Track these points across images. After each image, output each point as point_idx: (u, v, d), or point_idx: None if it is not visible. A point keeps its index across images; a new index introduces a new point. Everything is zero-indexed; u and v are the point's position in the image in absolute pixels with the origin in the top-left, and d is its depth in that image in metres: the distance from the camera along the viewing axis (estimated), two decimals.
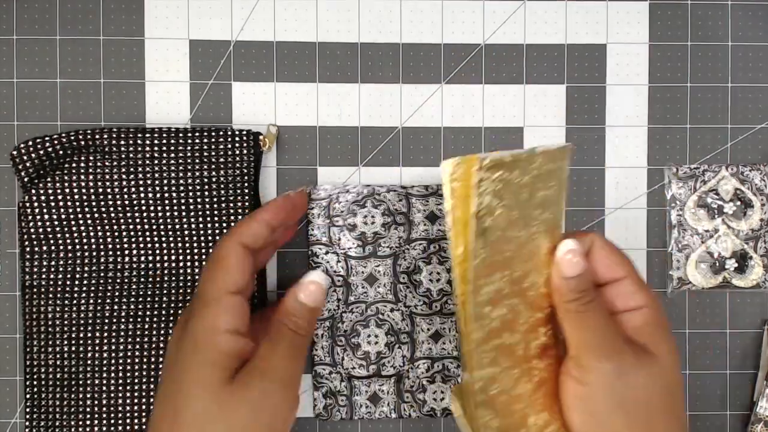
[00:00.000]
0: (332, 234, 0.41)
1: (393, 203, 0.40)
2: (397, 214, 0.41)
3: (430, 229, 0.41)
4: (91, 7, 0.42)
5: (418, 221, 0.41)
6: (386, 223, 0.41)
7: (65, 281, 0.41)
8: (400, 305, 0.41)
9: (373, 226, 0.41)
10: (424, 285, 0.41)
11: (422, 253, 0.41)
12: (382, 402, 0.42)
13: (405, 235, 0.41)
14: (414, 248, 0.41)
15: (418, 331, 0.41)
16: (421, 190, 0.41)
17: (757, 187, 0.43)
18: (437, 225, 0.41)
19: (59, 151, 0.40)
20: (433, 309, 0.41)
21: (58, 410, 0.41)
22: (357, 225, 0.41)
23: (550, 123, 0.43)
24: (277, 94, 0.43)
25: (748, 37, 0.44)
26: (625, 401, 0.32)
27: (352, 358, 0.41)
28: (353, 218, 0.40)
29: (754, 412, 0.43)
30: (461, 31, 0.43)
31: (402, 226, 0.41)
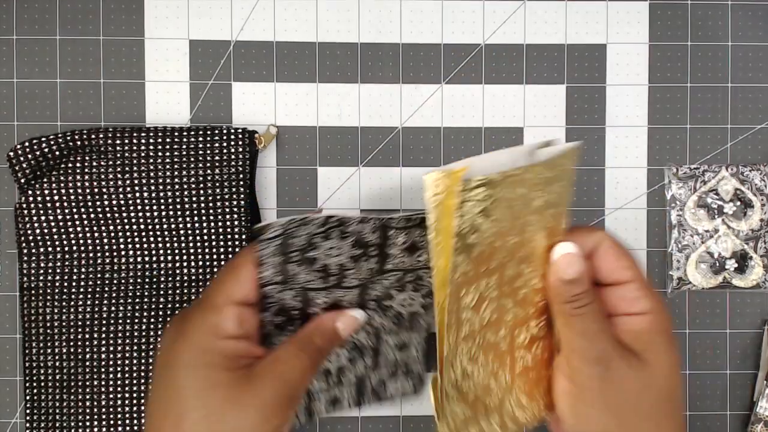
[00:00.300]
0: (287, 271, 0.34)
1: (365, 235, 0.34)
2: (369, 246, 0.34)
3: (408, 260, 0.35)
4: (91, 7, 0.42)
5: (395, 253, 0.34)
6: (355, 256, 0.34)
7: (63, 282, 0.41)
8: (366, 326, 0.37)
9: (338, 258, 0.34)
10: (395, 309, 0.37)
11: (396, 283, 0.36)
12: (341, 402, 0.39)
13: (377, 267, 0.35)
14: (387, 279, 0.36)
15: (384, 345, 0.38)
16: (401, 222, 0.34)
17: (757, 187, 0.43)
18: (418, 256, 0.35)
19: (55, 151, 0.40)
20: (401, 326, 0.38)
21: (57, 410, 0.41)
22: (318, 258, 0.33)
23: (550, 123, 0.43)
24: (277, 94, 0.43)
25: (748, 37, 0.44)
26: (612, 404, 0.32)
27: None
28: (313, 251, 0.33)
29: (754, 412, 0.43)
30: (461, 31, 0.43)
31: (374, 258, 0.34)
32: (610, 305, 0.34)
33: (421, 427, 0.43)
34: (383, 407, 0.43)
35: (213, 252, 0.41)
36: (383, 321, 0.37)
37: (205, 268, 0.41)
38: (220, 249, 0.41)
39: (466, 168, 0.28)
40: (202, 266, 0.41)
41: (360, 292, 0.35)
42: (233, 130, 0.41)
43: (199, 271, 0.41)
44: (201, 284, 0.41)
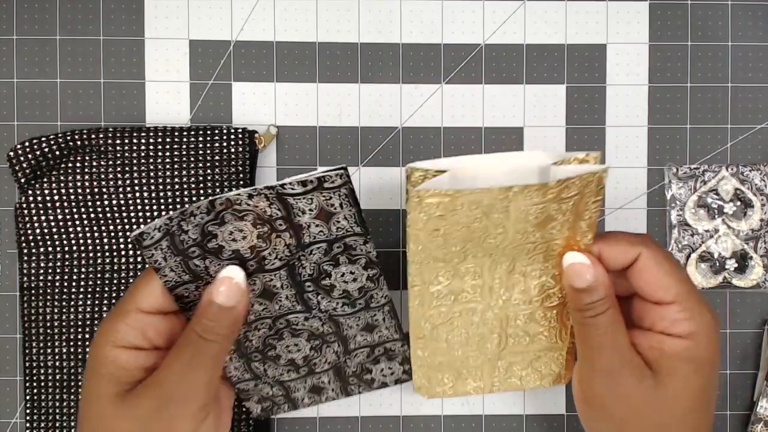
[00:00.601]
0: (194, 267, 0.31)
1: (263, 210, 0.30)
2: (274, 221, 0.31)
3: (326, 230, 0.32)
4: (91, 7, 0.42)
5: (306, 223, 0.31)
6: (263, 235, 0.31)
7: (63, 282, 0.41)
8: (314, 312, 0.35)
9: (244, 241, 0.31)
10: (339, 287, 0.34)
11: (325, 256, 0.33)
12: (325, 390, 0.38)
13: (293, 241, 0.32)
14: (312, 253, 0.32)
15: (345, 329, 0.36)
16: (296, 187, 0.30)
17: (757, 187, 0.43)
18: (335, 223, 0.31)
19: (55, 151, 0.40)
20: (356, 306, 0.35)
21: (57, 410, 0.41)
22: (223, 247, 0.31)
23: (550, 123, 0.43)
24: (277, 94, 0.43)
25: (748, 37, 0.44)
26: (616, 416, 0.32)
27: (276, 368, 0.37)
28: (214, 240, 0.31)
29: (754, 412, 0.43)
30: (461, 31, 0.43)
31: (285, 232, 0.31)
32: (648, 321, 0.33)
33: (421, 427, 0.43)
34: (383, 407, 0.43)
35: None
36: (331, 303, 0.35)
37: None
38: None
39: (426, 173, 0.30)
40: None
41: (288, 272, 0.33)
42: (233, 130, 0.41)
43: None
44: None
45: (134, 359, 0.31)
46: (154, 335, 0.32)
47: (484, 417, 0.43)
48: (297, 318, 0.35)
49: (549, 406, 0.43)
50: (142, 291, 0.31)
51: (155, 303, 0.31)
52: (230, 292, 0.31)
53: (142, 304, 0.31)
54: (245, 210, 0.30)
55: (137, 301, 0.31)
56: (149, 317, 0.31)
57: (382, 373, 0.39)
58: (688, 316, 0.31)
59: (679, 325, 0.31)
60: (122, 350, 0.31)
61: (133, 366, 0.31)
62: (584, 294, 0.32)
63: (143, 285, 0.32)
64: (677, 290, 0.31)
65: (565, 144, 0.43)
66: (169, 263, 0.31)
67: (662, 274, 0.32)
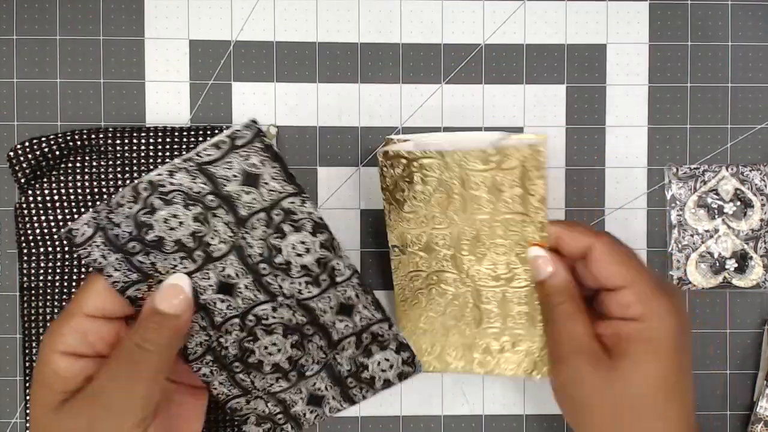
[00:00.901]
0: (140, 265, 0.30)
1: (188, 186, 0.29)
2: (204, 197, 0.30)
3: (257, 195, 0.30)
4: (91, 7, 0.42)
5: (235, 192, 0.30)
6: (199, 216, 0.30)
7: (62, 282, 0.41)
8: (279, 299, 0.33)
9: (183, 227, 0.30)
10: (295, 263, 0.32)
11: (268, 228, 0.31)
12: (326, 399, 0.36)
13: (231, 218, 0.30)
14: (254, 227, 0.31)
15: (319, 312, 0.34)
16: (212, 152, 0.29)
17: (757, 187, 0.43)
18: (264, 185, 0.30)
19: (55, 151, 0.40)
20: (322, 284, 0.33)
21: None
22: (163, 237, 0.30)
23: (550, 123, 0.43)
24: (277, 94, 0.43)
25: (748, 37, 0.44)
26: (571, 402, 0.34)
27: (263, 377, 0.35)
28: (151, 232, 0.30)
29: (754, 412, 0.43)
30: (461, 31, 0.43)
31: (220, 209, 0.30)
32: (609, 308, 0.34)
33: (421, 427, 0.43)
34: (383, 407, 0.43)
35: None
36: (292, 284, 0.33)
37: None
38: None
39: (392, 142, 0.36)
40: None
41: (238, 256, 0.31)
42: None
43: None
44: None
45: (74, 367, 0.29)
46: (98, 341, 0.30)
47: (484, 417, 0.43)
48: (265, 310, 0.33)
49: (549, 406, 0.43)
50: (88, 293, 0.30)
51: (100, 306, 0.30)
52: (175, 300, 0.30)
53: (86, 307, 0.30)
54: (171, 191, 0.29)
55: (81, 305, 0.30)
56: (93, 322, 0.30)
57: (380, 367, 0.36)
58: (639, 299, 0.32)
59: (632, 308, 0.33)
60: (62, 356, 0.29)
61: (72, 374, 0.29)
62: (545, 285, 0.34)
63: (88, 287, 0.30)
64: (627, 276, 0.33)
65: (565, 144, 0.43)
66: (110, 261, 0.29)
67: (613, 261, 0.33)
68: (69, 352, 0.29)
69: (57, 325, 0.30)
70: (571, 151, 0.43)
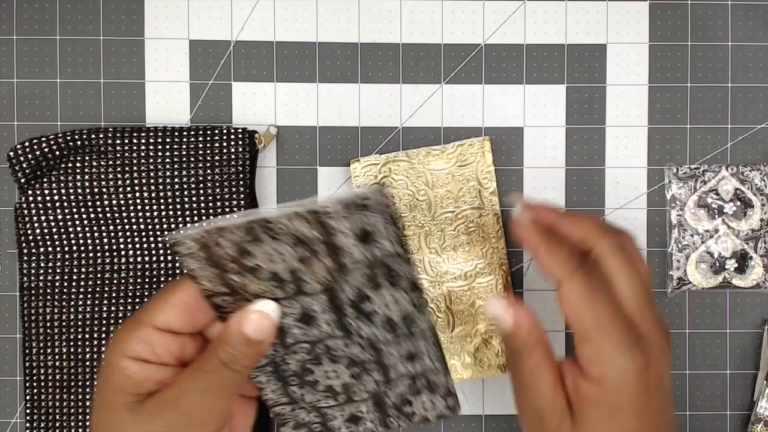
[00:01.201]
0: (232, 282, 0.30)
1: (301, 232, 0.29)
2: (312, 243, 0.30)
3: (368, 252, 0.30)
4: (91, 7, 0.42)
5: (346, 245, 0.30)
6: (303, 257, 0.30)
7: (62, 282, 0.41)
8: (355, 338, 0.33)
9: (284, 263, 0.30)
10: (381, 313, 0.33)
11: (366, 280, 0.31)
12: (363, 420, 0.36)
13: (334, 265, 0.31)
14: (352, 277, 0.31)
15: (386, 356, 0.34)
16: (337, 207, 0.29)
17: (757, 187, 0.43)
18: (377, 245, 0.30)
19: (55, 151, 0.40)
20: (398, 334, 0.34)
21: (57, 410, 0.41)
22: (261, 267, 0.30)
23: (550, 123, 0.43)
24: (277, 94, 0.43)
25: (748, 37, 0.44)
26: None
27: (314, 393, 0.35)
28: (251, 259, 0.30)
29: (754, 412, 0.43)
30: (461, 31, 0.43)
31: (326, 256, 0.30)
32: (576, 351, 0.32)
33: (421, 427, 0.43)
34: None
35: None
36: (374, 330, 0.33)
37: None
38: None
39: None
40: None
41: (329, 297, 0.32)
42: (233, 130, 0.41)
43: None
44: None
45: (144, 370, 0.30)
46: (163, 353, 0.31)
47: (483, 417, 0.43)
48: (337, 344, 0.33)
49: None
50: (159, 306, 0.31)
51: (169, 323, 0.31)
52: (262, 327, 0.30)
53: (156, 320, 0.31)
54: (283, 231, 0.29)
55: (151, 316, 0.31)
56: (161, 335, 0.31)
57: (423, 407, 0.37)
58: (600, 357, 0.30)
59: (592, 366, 0.30)
60: (132, 361, 0.30)
61: (142, 377, 0.30)
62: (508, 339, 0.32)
63: (162, 300, 0.31)
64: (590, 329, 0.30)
65: (565, 144, 0.43)
66: (206, 273, 0.30)
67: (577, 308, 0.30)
68: (137, 357, 0.30)
69: (125, 331, 0.31)
70: (571, 151, 0.43)
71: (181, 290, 0.31)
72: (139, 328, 0.30)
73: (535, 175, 0.43)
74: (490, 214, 0.41)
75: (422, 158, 0.42)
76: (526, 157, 0.43)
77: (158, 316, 0.31)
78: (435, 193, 0.41)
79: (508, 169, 0.43)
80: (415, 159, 0.41)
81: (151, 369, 0.30)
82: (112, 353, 0.31)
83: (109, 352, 0.31)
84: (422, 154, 0.42)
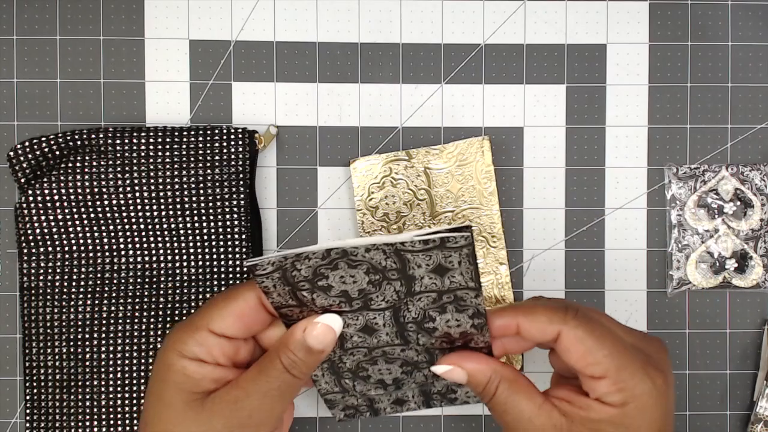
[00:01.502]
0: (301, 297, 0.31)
1: (378, 262, 0.31)
2: (387, 271, 0.31)
3: (439, 282, 0.31)
4: (91, 7, 0.42)
5: (419, 275, 0.31)
6: (374, 281, 0.31)
7: (62, 282, 0.41)
8: (412, 345, 0.35)
9: (355, 285, 0.31)
10: (441, 330, 0.34)
11: (432, 304, 0.32)
12: (408, 403, 0.40)
13: (404, 290, 0.32)
14: (420, 300, 0.32)
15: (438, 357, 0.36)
16: (417, 246, 0.30)
17: (757, 187, 0.43)
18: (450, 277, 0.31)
19: (55, 151, 0.40)
20: (455, 345, 0.35)
21: (57, 410, 0.41)
22: (332, 286, 0.31)
23: (550, 123, 0.43)
24: (277, 94, 0.43)
25: (748, 37, 0.44)
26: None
27: (365, 385, 0.37)
28: (324, 280, 0.31)
29: (754, 412, 0.43)
30: (461, 31, 0.43)
31: (397, 281, 0.31)
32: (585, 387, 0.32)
33: (421, 427, 0.43)
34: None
35: (213, 252, 0.41)
36: (429, 340, 0.34)
37: (204, 268, 0.41)
38: (220, 249, 0.41)
39: None
40: (201, 266, 0.41)
41: (393, 314, 0.33)
42: (233, 130, 0.41)
43: (198, 271, 0.41)
44: (201, 284, 0.41)
45: (202, 369, 0.32)
46: (219, 355, 0.32)
47: (483, 417, 0.43)
48: (394, 350, 0.35)
49: None
50: (217, 313, 0.32)
51: (225, 329, 0.32)
52: (324, 338, 0.31)
53: (213, 325, 0.32)
54: (360, 261, 0.30)
55: (209, 321, 0.32)
56: (217, 338, 0.32)
57: (467, 394, 0.40)
58: (621, 388, 0.30)
59: (612, 396, 0.30)
60: (190, 361, 0.31)
61: (201, 376, 0.31)
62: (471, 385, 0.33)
63: (220, 307, 0.32)
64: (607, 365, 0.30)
65: (565, 144, 0.43)
66: (278, 290, 0.31)
67: (587, 351, 0.31)
68: (194, 358, 0.32)
69: (181, 332, 0.32)
70: (571, 151, 0.43)
71: (240, 299, 0.32)
72: (196, 332, 0.32)
73: (535, 175, 0.43)
74: (489, 213, 0.42)
75: (422, 158, 0.42)
76: (526, 157, 0.43)
77: (216, 323, 0.32)
78: (434, 192, 0.42)
79: (508, 169, 0.43)
80: (415, 158, 0.42)
81: (207, 368, 0.32)
82: (170, 353, 0.32)
83: (166, 353, 0.32)
84: (422, 154, 0.42)
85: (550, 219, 0.43)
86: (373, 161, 0.42)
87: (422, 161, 0.42)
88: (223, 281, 0.41)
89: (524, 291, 0.43)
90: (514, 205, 0.43)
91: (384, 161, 0.42)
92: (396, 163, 0.42)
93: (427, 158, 0.42)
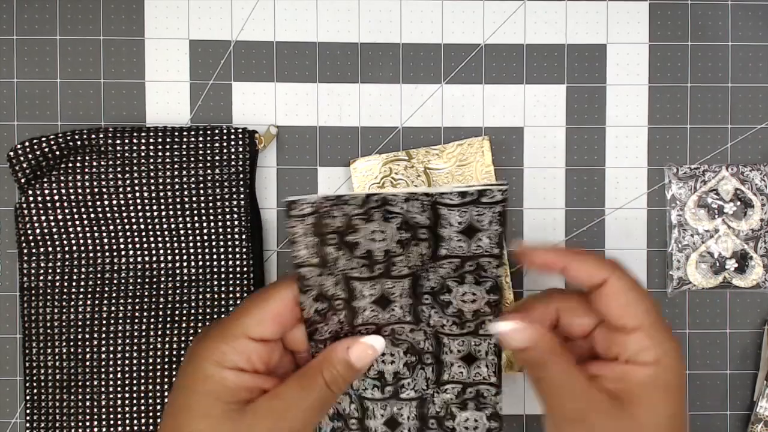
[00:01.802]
0: (325, 253, 0.32)
1: (413, 215, 0.31)
2: (418, 228, 0.31)
3: (466, 246, 0.32)
4: (91, 7, 0.42)
5: (448, 236, 0.32)
6: (403, 240, 0.32)
7: (63, 282, 0.41)
8: (422, 325, 0.34)
9: (383, 243, 0.32)
10: (455, 305, 0.34)
11: (453, 273, 0.33)
12: (402, 428, 0.36)
13: (429, 252, 0.32)
14: (442, 266, 0.33)
15: (445, 351, 0.35)
16: (454, 198, 0.31)
17: (757, 187, 0.43)
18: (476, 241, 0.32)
19: (55, 151, 0.40)
20: (465, 329, 0.34)
21: (57, 410, 0.41)
22: (360, 243, 0.32)
23: (550, 123, 0.43)
24: (277, 94, 0.43)
25: (748, 37, 0.44)
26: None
27: (363, 378, 0.36)
28: (354, 235, 0.31)
29: (754, 412, 0.43)
30: (461, 31, 0.43)
31: (424, 242, 0.32)
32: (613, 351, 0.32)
33: None
34: None
35: (213, 252, 0.41)
36: (442, 320, 0.34)
37: (205, 268, 0.41)
38: (220, 249, 0.41)
39: None
40: (202, 266, 0.41)
41: (411, 282, 0.33)
42: (233, 130, 0.41)
43: (199, 271, 0.41)
44: (201, 284, 0.41)
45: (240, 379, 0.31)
46: (257, 361, 0.32)
47: None
48: (403, 328, 0.34)
49: None
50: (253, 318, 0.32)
51: (264, 333, 0.32)
52: (366, 357, 0.33)
53: (251, 331, 0.32)
54: (396, 213, 0.31)
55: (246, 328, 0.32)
56: (255, 344, 0.32)
57: (466, 424, 0.36)
58: (654, 343, 0.31)
59: (645, 352, 0.31)
60: (230, 371, 0.31)
61: (239, 386, 0.31)
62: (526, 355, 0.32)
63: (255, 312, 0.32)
64: (643, 318, 0.31)
65: (565, 144, 0.43)
66: (305, 242, 0.31)
67: (629, 301, 0.32)
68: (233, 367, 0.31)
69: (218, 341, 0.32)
70: (571, 151, 0.43)
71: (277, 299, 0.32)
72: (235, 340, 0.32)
73: (535, 175, 0.43)
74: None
75: (422, 158, 0.42)
76: (526, 157, 0.43)
77: (253, 328, 0.32)
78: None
79: (508, 169, 0.43)
80: (415, 158, 0.42)
81: (245, 377, 0.31)
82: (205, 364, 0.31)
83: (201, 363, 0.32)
84: (422, 154, 0.42)
85: (550, 219, 0.43)
86: (373, 161, 0.42)
87: (422, 161, 0.42)
88: (223, 281, 0.41)
89: (524, 291, 0.43)
90: (514, 205, 0.43)
91: (384, 161, 0.42)
92: (396, 164, 0.42)
93: (427, 158, 0.42)
